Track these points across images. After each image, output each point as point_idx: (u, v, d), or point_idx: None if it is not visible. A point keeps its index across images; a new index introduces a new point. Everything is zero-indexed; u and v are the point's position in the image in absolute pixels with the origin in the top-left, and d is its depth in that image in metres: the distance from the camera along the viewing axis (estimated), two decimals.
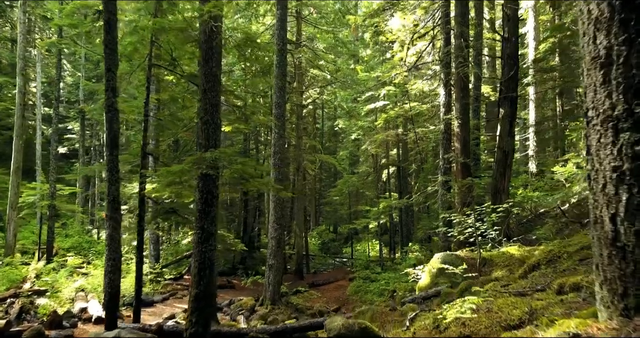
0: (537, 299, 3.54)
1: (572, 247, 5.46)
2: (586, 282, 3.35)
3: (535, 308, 3.18)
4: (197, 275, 6.71)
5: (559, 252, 5.51)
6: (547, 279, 4.70)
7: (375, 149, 24.26)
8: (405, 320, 5.39)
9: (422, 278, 9.11)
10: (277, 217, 14.32)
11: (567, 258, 5.26)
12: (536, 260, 5.68)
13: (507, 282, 5.22)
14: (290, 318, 13.52)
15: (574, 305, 3.02)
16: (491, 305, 3.74)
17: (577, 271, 4.69)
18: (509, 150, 12.21)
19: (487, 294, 4.67)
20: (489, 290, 4.99)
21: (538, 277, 5.06)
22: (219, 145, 7.07)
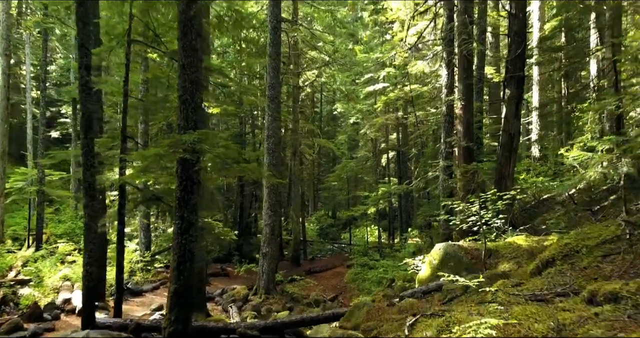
0: (562, 309, 2.94)
1: (592, 240, 4.85)
2: (627, 292, 2.75)
3: (563, 323, 2.59)
4: (176, 269, 6.13)
5: (576, 246, 4.90)
6: (567, 279, 4.10)
7: (375, 133, 23.58)
8: (403, 325, 4.81)
9: (422, 269, 8.55)
10: (271, 203, 13.73)
11: (586, 254, 4.66)
12: (550, 255, 5.07)
13: (519, 281, 4.62)
14: (284, 308, 13.05)
15: (616, 323, 2.43)
16: (506, 314, 3.14)
17: (602, 269, 4.10)
18: (514, 133, 11.56)
19: (497, 297, 4.08)
20: (499, 290, 4.39)
21: (555, 275, 4.46)
22: (200, 127, 6.42)
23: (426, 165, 22.01)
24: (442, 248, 8.07)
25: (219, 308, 12.41)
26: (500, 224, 8.67)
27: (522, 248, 7.44)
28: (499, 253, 7.63)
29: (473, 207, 8.02)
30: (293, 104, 21.04)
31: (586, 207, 10.13)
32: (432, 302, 6.63)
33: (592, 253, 4.63)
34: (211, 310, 12.08)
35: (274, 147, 13.77)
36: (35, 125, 27.24)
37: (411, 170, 27.26)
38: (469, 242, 8.19)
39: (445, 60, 12.83)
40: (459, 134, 12.14)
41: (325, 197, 33.63)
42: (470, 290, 6.05)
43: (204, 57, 11.39)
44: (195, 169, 6.34)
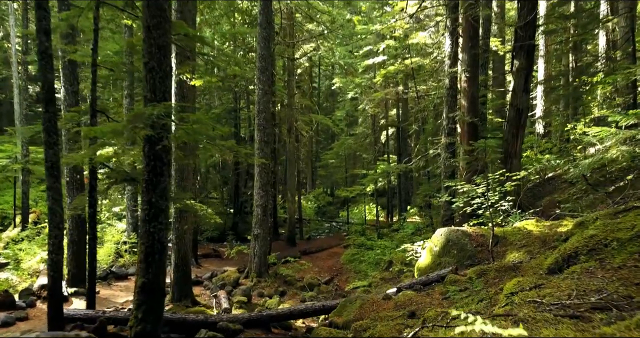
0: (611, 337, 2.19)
1: (623, 232, 4.10)
2: None
3: None
4: (144, 261, 5.40)
5: (604, 238, 4.16)
6: (599, 282, 3.35)
7: (374, 109, 22.65)
8: (401, 331, 4.10)
9: (422, 256, 7.86)
10: (262, 183, 12.97)
11: (618, 249, 3.92)
12: (572, 247, 4.33)
13: (537, 280, 3.88)
14: (276, 292, 12.46)
15: None
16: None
17: None
18: (523, 108, 10.71)
19: (514, 305, 3.35)
20: (514, 294, 3.66)
21: (581, 275, 3.72)
22: (169, 99, 5.59)
23: (427, 142, 21.21)
24: (443, 234, 7.35)
25: (207, 293, 11.80)
26: (508, 207, 7.93)
27: (533, 234, 6.72)
28: (506, 240, 6.91)
29: (479, 189, 7.25)
30: (288, 78, 20.05)
31: (600, 187, 9.39)
32: (432, 295, 5.94)
33: (625, 249, 3.88)
34: (199, 296, 11.47)
35: (265, 123, 12.91)
36: (29, 101, 26.30)
37: (411, 147, 26.45)
38: (474, 227, 7.47)
39: (448, 28, 11.86)
40: (462, 108, 11.29)
41: (322, 175, 32.86)
42: (477, 285, 5.35)
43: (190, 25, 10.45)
44: (164, 148, 5.54)
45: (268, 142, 13.09)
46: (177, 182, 9.97)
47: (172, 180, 10.17)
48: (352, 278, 14.70)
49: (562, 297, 3.25)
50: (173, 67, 10.05)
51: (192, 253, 14.91)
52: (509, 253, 6.37)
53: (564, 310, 2.95)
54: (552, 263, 4.47)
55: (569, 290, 3.34)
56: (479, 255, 6.76)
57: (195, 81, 9.22)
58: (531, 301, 3.30)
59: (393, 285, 12.09)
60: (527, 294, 3.52)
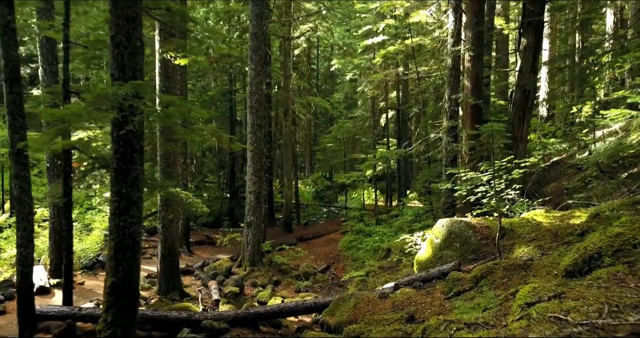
0: None
1: None
2: None
3: None
4: (114, 259, 4.87)
5: (633, 238, 3.61)
6: (635, 295, 2.81)
7: (373, 91, 21.93)
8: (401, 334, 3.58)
9: (422, 248, 7.33)
10: (255, 168, 12.40)
11: None
12: (594, 248, 3.78)
13: (555, 288, 3.34)
14: (270, 281, 12.02)
15: None
16: None
17: None
18: (530, 89, 10.10)
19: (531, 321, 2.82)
20: (530, 305, 3.13)
21: (609, 283, 3.18)
22: (141, 78, 4.98)
23: (427, 125, 20.56)
24: (445, 226, 6.81)
25: (198, 283, 11.35)
26: (514, 196, 7.39)
27: (543, 226, 6.18)
28: (514, 232, 6.37)
29: (484, 176, 6.69)
30: (284, 58, 19.30)
31: (612, 173, 8.83)
32: (433, 295, 5.43)
33: None
34: (189, 286, 11.02)
35: (258, 105, 12.27)
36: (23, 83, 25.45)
37: (411, 131, 25.80)
38: (478, 218, 6.92)
39: (452, 4, 11.13)
40: (466, 89, 10.65)
41: (321, 159, 32.25)
42: (483, 286, 4.82)
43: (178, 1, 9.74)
44: (135, 133, 4.96)
45: (261, 126, 12.47)
46: (163, 168, 9.41)
47: (157, 166, 9.62)
48: (349, 266, 14.26)
49: (590, 313, 2.71)
50: (157, 44, 9.42)
51: (184, 240, 14.47)
52: (517, 247, 5.83)
53: (596, 334, 2.41)
54: (570, 265, 3.93)
55: (598, 304, 2.79)
56: (483, 249, 6.23)
57: (180, 60, 8.56)
58: (553, 317, 2.76)
59: (391, 274, 11.65)
60: (547, 307, 2.98)
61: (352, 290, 11.19)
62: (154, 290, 9.79)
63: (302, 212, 26.04)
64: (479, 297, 4.51)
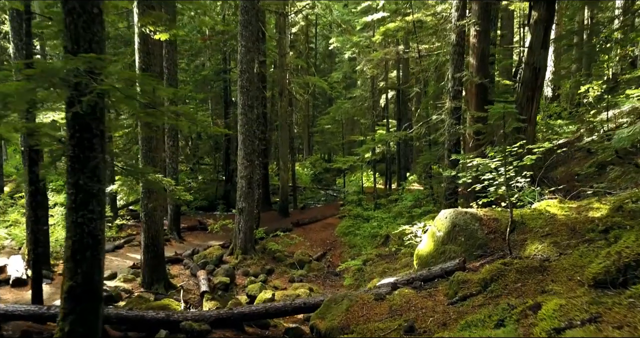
0: None
1: None
2: None
3: None
4: (71, 260, 4.26)
5: None
6: None
7: (372, 70, 21.07)
8: None
9: (422, 241, 6.73)
10: (246, 152, 11.74)
11: None
12: (632, 253, 3.16)
13: (588, 306, 2.73)
14: (263, 270, 11.49)
15: None
16: None
17: None
18: (540, 67, 9.36)
19: None
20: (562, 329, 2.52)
21: None
22: (100, 51, 4.28)
23: (428, 106, 19.82)
24: (449, 217, 6.19)
25: (186, 273, 10.81)
26: (525, 184, 6.74)
27: (558, 219, 5.56)
28: (525, 226, 5.75)
29: (492, 163, 6.04)
30: (279, 36, 18.42)
31: (628, 158, 8.17)
32: (435, 297, 4.84)
33: None
34: (176, 276, 10.49)
35: (249, 84, 11.53)
36: None
37: (411, 112, 25.04)
38: (485, 209, 6.29)
39: None
40: (471, 67, 9.91)
41: (317, 142, 31.52)
42: (493, 291, 4.22)
43: None
44: (96, 115, 4.29)
45: (252, 106, 11.75)
46: (144, 153, 8.75)
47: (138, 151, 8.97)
48: (346, 253, 13.73)
49: None
50: (135, 18, 8.64)
51: (174, 226, 13.91)
52: (529, 243, 5.22)
53: None
54: (600, 273, 3.31)
55: None
56: (491, 244, 5.63)
57: (160, 35, 7.82)
58: None
59: (389, 263, 11.10)
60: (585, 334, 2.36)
61: (349, 280, 10.67)
62: (137, 282, 9.25)
63: (300, 195, 25.46)
64: (490, 306, 3.91)
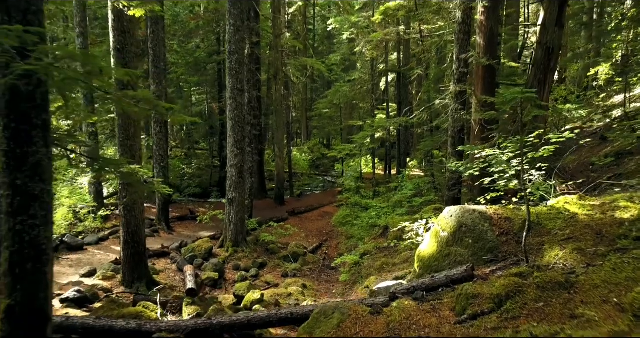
0: None
1: None
2: None
3: None
4: (10, 275, 3.59)
5: None
6: None
7: (372, 51, 20.17)
8: None
9: (424, 242, 6.06)
10: (236, 139, 11.01)
11: None
12: None
13: None
14: (255, 264, 10.88)
15: None
16: None
17: None
18: (554, 47, 8.58)
19: None
20: None
21: None
22: (39, 24, 3.54)
23: (430, 89, 18.99)
24: (455, 216, 5.50)
25: (173, 268, 10.20)
26: (539, 178, 6.05)
27: (579, 220, 4.88)
28: (542, 227, 5.07)
29: (503, 155, 5.33)
30: (273, 15, 17.50)
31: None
32: (440, 312, 4.19)
33: None
34: (162, 272, 9.87)
35: (239, 66, 10.74)
36: None
37: (412, 95, 24.23)
38: (495, 207, 5.60)
39: None
40: (478, 48, 9.12)
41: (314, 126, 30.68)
42: (510, 311, 3.55)
43: None
44: (34, 100, 3.57)
45: (242, 90, 10.98)
46: (122, 141, 8.04)
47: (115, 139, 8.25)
48: (343, 244, 13.12)
49: None
50: None
51: (162, 216, 13.28)
52: (547, 249, 4.55)
53: None
54: None
55: None
56: (503, 248, 4.96)
57: (134, 10, 7.03)
58: None
59: (388, 257, 10.47)
60: None
61: (345, 276, 10.06)
62: (118, 279, 8.62)
63: (297, 182, 24.80)
64: (507, 332, 3.25)
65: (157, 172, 12.86)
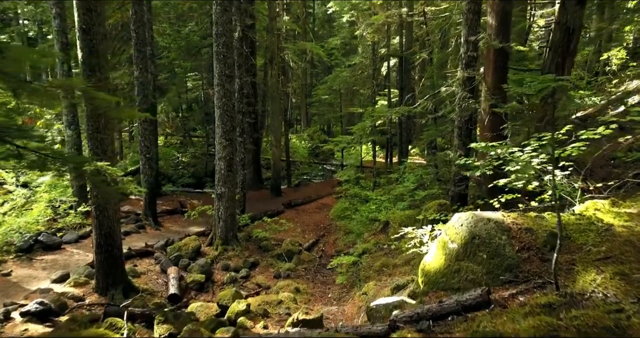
0: None
1: None
2: None
3: None
4: None
5: None
6: None
7: (372, 35, 19.16)
8: None
9: (430, 252, 5.25)
10: (225, 129, 10.18)
11: None
12: None
13: None
14: (246, 264, 10.16)
15: None
16: None
17: None
18: (575, 27, 7.68)
19: None
20: None
21: None
22: None
23: (433, 74, 18.03)
24: (465, 225, 4.69)
25: (156, 270, 9.45)
26: (563, 180, 5.22)
27: (617, 233, 4.06)
28: (571, 241, 4.26)
29: (523, 154, 4.52)
30: None
31: None
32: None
33: None
34: (143, 274, 9.12)
35: (226, 50, 9.84)
36: None
37: (414, 81, 23.22)
38: (513, 215, 4.77)
39: None
40: (489, 29, 8.20)
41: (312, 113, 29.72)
42: None
43: None
44: None
45: (231, 76, 10.11)
46: (91, 134, 7.20)
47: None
48: (341, 240, 12.37)
49: None
50: None
51: (149, 211, 12.53)
52: (580, 271, 3.75)
53: None
54: None
55: None
56: (524, 267, 4.17)
57: None
58: None
59: (389, 257, 9.71)
60: None
61: (341, 278, 9.32)
62: (91, 286, 7.87)
63: (296, 170, 24.02)
64: None
65: (142, 164, 12.05)
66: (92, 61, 7.08)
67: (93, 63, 7.08)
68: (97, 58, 7.13)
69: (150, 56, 14.82)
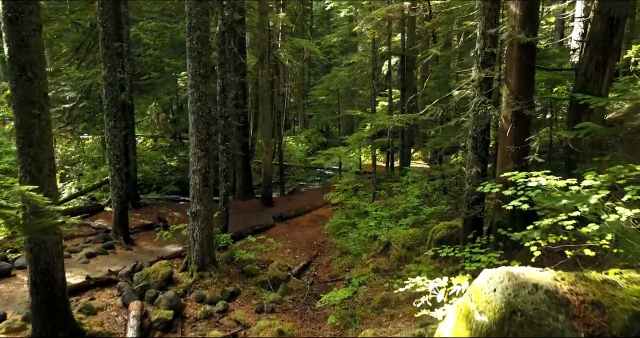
0: None
1: None
2: None
3: None
4: None
5: None
6: None
7: (372, 31, 17.72)
8: None
9: (448, 323, 3.82)
10: (200, 138, 8.77)
11: None
12: None
13: None
14: (224, 294, 8.77)
15: None
16: None
17: None
18: (619, 17, 6.29)
19: None
20: None
21: None
22: None
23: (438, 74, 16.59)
24: (500, 292, 3.28)
25: (117, 303, 8.04)
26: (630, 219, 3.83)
27: None
28: None
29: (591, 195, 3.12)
30: None
31: None
32: None
33: None
34: (101, 310, 7.71)
35: (201, 46, 8.43)
36: None
37: (417, 80, 21.79)
38: (570, 277, 3.34)
39: None
40: (513, 20, 6.76)
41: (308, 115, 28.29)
42: None
43: None
44: None
45: (207, 76, 8.70)
46: (21, 148, 5.82)
47: None
48: (336, 263, 10.95)
49: None
50: None
51: (119, 228, 11.13)
52: None
53: None
54: None
55: None
56: None
57: None
58: None
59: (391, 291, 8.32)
60: None
61: (333, 318, 7.88)
62: (28, 332, 6.48)
63: (291, 175, 22.64)
64: None
65: (111, 176, 10.67)
66: (22, 58, 5.71)
67: (23, 60, 5.71)
68: (29, 54, 5.76)
69: (127, 53, 13.43)
